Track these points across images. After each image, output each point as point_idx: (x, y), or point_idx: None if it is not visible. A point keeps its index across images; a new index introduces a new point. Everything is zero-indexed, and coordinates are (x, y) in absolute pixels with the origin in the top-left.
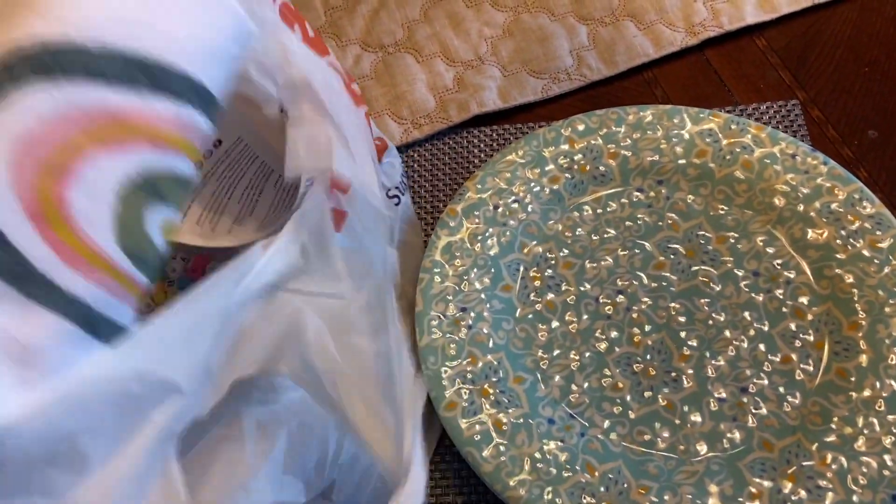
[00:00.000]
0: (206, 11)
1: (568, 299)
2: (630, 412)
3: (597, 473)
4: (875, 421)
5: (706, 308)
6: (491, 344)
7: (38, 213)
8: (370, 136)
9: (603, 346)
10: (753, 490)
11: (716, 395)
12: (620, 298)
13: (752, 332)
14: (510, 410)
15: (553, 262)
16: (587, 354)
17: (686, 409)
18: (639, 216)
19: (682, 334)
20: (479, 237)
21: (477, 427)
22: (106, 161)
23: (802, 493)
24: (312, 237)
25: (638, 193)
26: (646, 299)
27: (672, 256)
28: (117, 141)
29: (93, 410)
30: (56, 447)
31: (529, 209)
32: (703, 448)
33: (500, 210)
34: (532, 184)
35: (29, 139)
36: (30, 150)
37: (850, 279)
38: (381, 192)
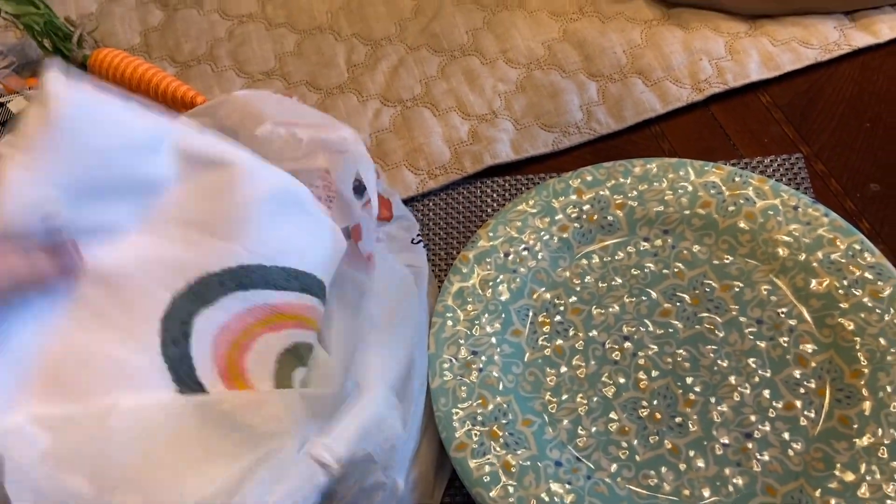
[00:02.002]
0: (327, 236)
1: (576, 345)
2: (636, 456)
3: None
4: (877, 468)
5: (711, 355)
6: (501, 387)
7: (226, 374)
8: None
9: (610, 390)
10: None
11: (720, 441)
12: (627, 344)
13: (756, 379)
14: (518, 452)
15: (562, 308)
16: (594, 399)
17: (691, 453)
18: (645, 265)
19: (688, 380)
20: (491, 283)
21: (486, 468)
22: (271, 338)
23: None
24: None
25: (644, 243)
26: (652, 345)
27: (678, 304)
28: (277, 325)
29: None
30: None
31: (539, 257)
32: (707, 492)
33: (510, 257)
34: (542, 232)
35: (226, 327)
36: (225, 334)
37: (851, 327)
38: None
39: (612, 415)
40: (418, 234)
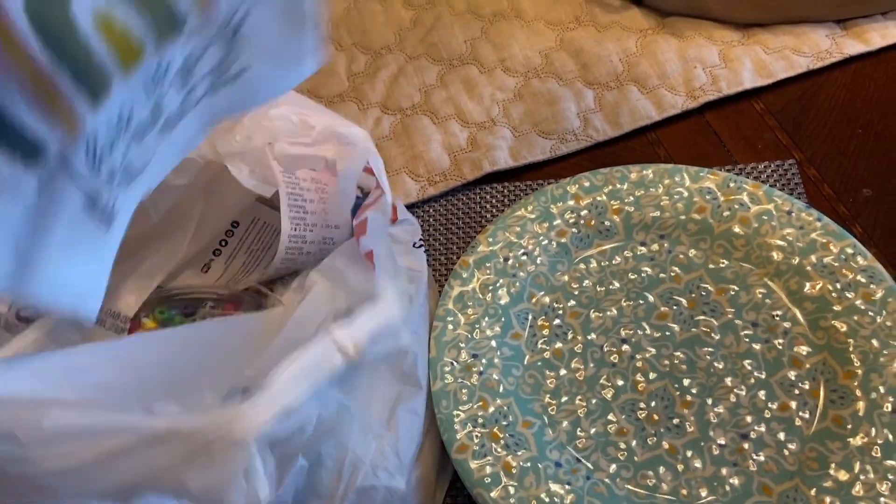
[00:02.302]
0: None
1: (575, 347)
2: (634, 457)
3: None
4: (870, 467)
5: (707, 357)
6: (501, 389)
7: None
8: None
9: (608, 392)
10: None
11: (717, 441)
12: (625, 347)
13: (751, 381)
14: (519, 453)
15: (560, 311)
16: (593, 401)
17: (689, 454)
18: (642, 269)
19: (685, 382)
20: (490, 287)
21: (487, 469)
22: None
23: None
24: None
25: (641, 247)
26: (649, 348)
27: (674, 307)
28: None
29: None
30: None
31: (538, 261)
32: (704, 492)
33: (510, 262)
34: (540, 237)
35: None
36: None
37: (844, 329)
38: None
39: (611, 416)
40: (420, 239)
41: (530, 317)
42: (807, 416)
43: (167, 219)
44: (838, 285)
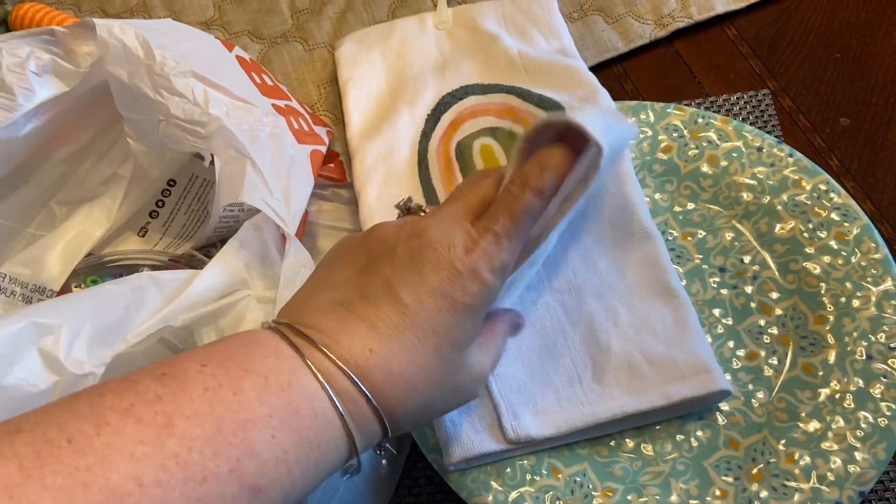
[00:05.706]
0: None
1: None
2: None
3: (561, 476)
4: (841, 417)
5: None
6: None
7: None
8: (308, 169)
9: None
10: (718, 490)
11: None
12: None
13: (719, 329)
14: None
15: None
16: None
17: None
18: None
19: None
20: None
21: None
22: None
23: (767, 492)
24: (254, 257)
25: None
26: None
27: None
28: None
29: None
30: None
31: None
32: (669, 447)
33: None
34: None
35: None
36: None
37: (816, 272)
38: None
39: None
40: None
41: None
42: (776, 363)
43: (94, 179)
44: (810, 225)
